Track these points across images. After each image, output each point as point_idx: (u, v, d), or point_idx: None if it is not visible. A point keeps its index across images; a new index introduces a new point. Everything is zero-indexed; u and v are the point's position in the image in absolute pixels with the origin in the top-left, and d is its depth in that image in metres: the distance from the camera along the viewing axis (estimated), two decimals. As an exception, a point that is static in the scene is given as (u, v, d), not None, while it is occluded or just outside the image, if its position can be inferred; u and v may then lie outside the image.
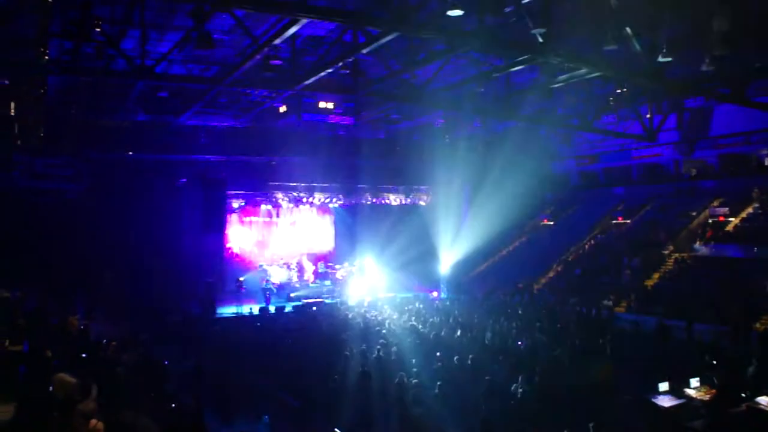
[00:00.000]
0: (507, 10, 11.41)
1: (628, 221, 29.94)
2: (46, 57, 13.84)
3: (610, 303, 22.36)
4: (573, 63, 14.30)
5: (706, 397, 10.94)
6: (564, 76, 16.22)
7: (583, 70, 15.09)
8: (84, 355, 10.66)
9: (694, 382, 11.29)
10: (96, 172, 22.57)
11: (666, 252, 25.42)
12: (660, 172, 32.48)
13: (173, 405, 9.44)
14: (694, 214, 27.12)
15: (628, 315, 20.99)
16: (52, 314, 14.90)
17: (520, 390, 11.12)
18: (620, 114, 26.24)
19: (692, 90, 20.50)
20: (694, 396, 11.00)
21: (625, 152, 31.84)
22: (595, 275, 25.91)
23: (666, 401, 10.73)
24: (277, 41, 12.99)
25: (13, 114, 17.73)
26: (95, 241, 21.70)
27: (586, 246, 29.70)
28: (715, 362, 12.77)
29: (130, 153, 23.34)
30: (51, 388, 6.89)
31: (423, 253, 28.28)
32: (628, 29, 12.31)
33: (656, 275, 24.35)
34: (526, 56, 13.58)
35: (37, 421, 6.00)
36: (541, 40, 11.85)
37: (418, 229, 29.13)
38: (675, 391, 11.07)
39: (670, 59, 12.69)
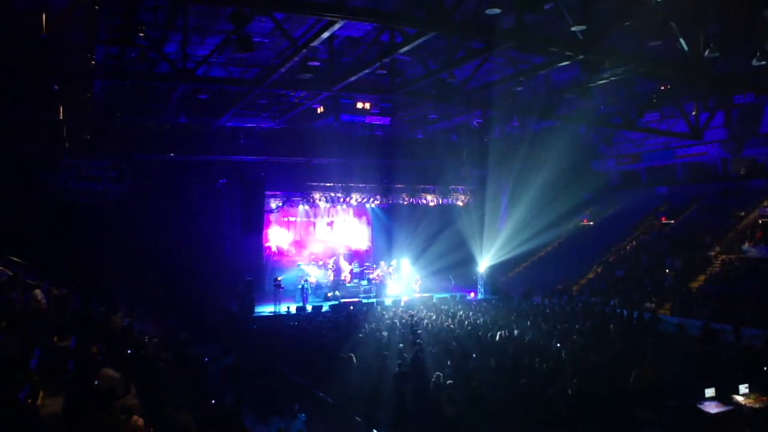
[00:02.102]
0: (546, 7, 11.20)
1: (672, 221, 29.10)
2: (93, 62, 14.26)
3: (653, 305, 21.78)
4: (615, 61, 13.98)
5: (757, 405, 10.50)
6: (606, 74, 15.87)
7: (626, 68, 14.74)
8: (129, 352, 10.95)
9: (743, 388, 10.83)
10: (138, 173, 23.19)
11: (712, 253, 24.63)
12: (706, 171, 31.48)
13: (212, 401, 9.61)
14: (742, 214, 26.18)
15: (672, 318, 20.37)
16: (96, 312, 15.34)
17: (558, 394, 10.90)
18: (664, 112, 25.62)
19: (741, 86, 19.84)
20: (743, 403, 10.57)
21: (669, 151, 31.00)
22: (638, 277, 25.27)
23: (713, 408, 10.34)
24: (315, 43, 13.12)
25: (61, 118, 18.37)
26: (137, 241, 22.33)
27: (628, 247, 28.98)
28: (766, 368, 12.26)
29: (172, 154, 23.90)
30: (96, 383, 7.08)
31: (460, 254, 28.05)
32: (673, 24, 11.97)
33: (701, 277, 23.61)
34: (565, 54, 13.33)
35: (84, 414, 6.18)
36: (581, 37, 11.63)
37: (456, 230, 28.95)
38: (722, 397, 10.65)
39: (717, 54, 12.25)
